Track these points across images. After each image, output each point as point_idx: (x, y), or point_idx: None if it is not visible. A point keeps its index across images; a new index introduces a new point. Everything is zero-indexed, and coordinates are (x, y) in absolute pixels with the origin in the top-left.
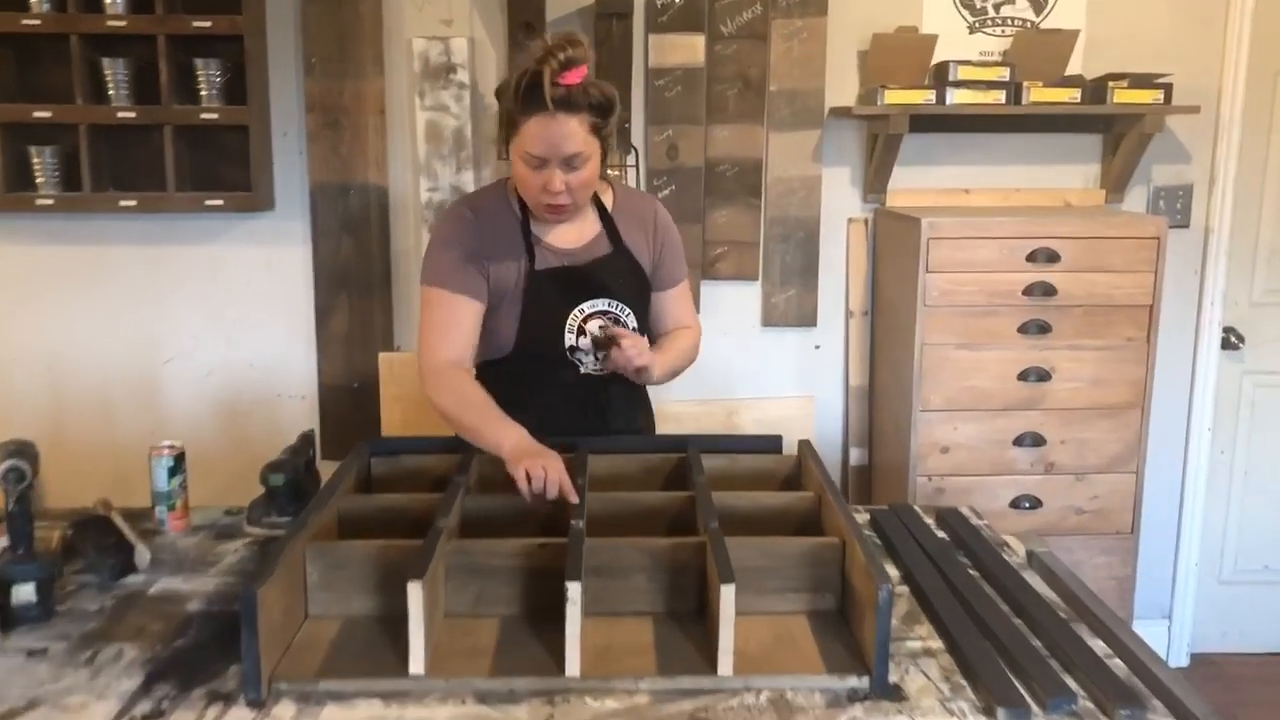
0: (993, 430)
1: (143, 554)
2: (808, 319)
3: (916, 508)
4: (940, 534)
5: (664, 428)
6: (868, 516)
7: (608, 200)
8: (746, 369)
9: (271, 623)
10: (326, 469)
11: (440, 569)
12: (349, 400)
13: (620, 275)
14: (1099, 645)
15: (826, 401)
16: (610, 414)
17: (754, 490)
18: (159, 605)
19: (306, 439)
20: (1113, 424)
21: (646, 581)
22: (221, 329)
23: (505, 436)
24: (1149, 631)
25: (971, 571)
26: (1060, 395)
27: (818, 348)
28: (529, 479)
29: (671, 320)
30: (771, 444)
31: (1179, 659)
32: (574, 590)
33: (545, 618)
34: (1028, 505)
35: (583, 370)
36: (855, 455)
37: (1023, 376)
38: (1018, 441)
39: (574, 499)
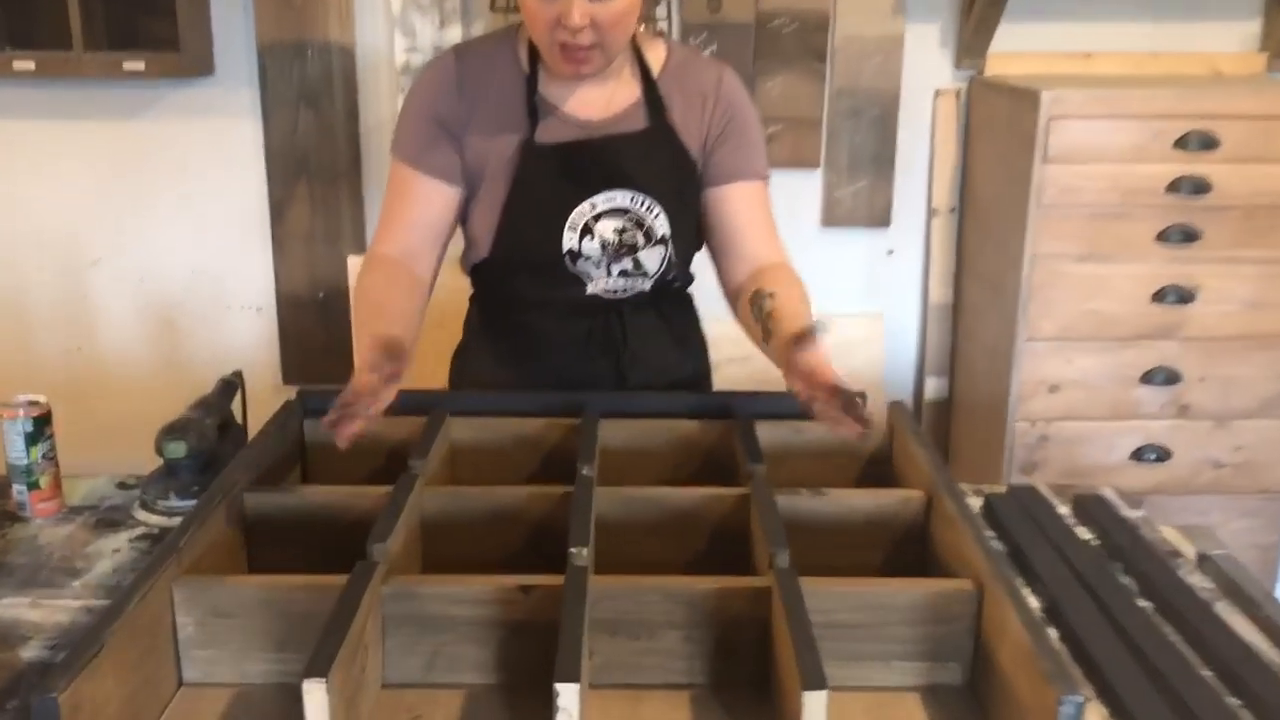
0: (1116, 364)
1: None
2: (879, 218)
3: (1043, 490)
4: (1083, 532)
5: None
6: (979, 502)
7: (656, 61)
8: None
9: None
10: (285, 397)
11: (374, 623)
12: (314, 314)
13: (654, 160)
14: None
15: (898, 321)
16: (626, 355)
17: (831, 481)
18: None
19: (228, 387)
20: (1269, 357)
21: (682, 642)
22: (156, 225)
23: (360, 349)
24: None
25: (1141, 602)
26: (1204, 321)
27: (891, 253)
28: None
29: (750, 255)
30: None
31: None
32: (568, 696)
33: (530, 689)
34: (1153, 457)
35: (590, 289)
36: (932, 387)
37: (1159, 297)
38: (1146, 378)
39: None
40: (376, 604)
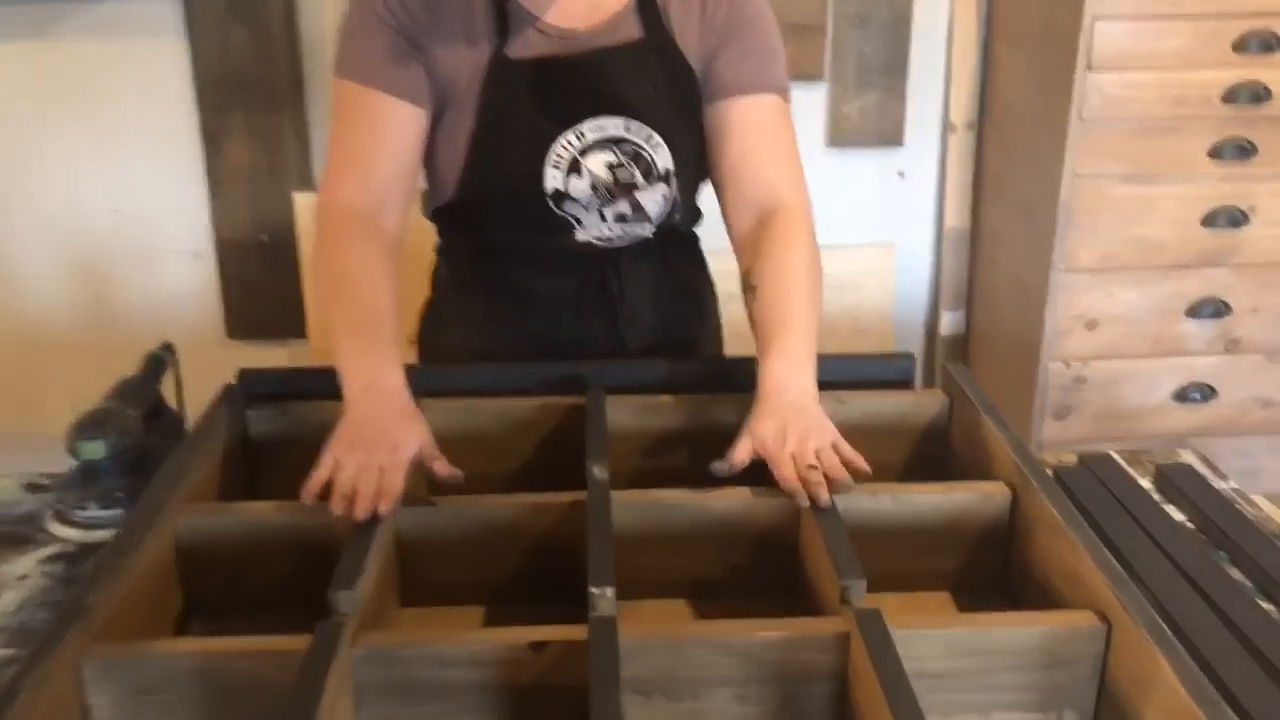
0: (1161, 297)
1: None
2: (891, 135)
3: (1118, 458)
4: (1172, 511)
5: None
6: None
7: None
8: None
9: None
10: (235, 355)
11: (344, 700)
12: (258, 259)
13: (651, 79)
14: None
15: (911, 250)
16: (625, 313)
17: (880, 463)
18: None
19: (155, 364)
20: None
21: (736, 702)
22: (73, 165)
23: (354, 387)
24: None
25: (1264, 605)
26: (1259, 245)
27: (902, 175)
28: (329, 485)
29: (754, 194)
30: (897, 370)
31: None
32: None
33: None
34: (1198, 397)
35: (579, 235)
36: (948, 322)
37: (1209, 220)
38: (1193, 311)
39: (384, 509)
40: (346, 673)
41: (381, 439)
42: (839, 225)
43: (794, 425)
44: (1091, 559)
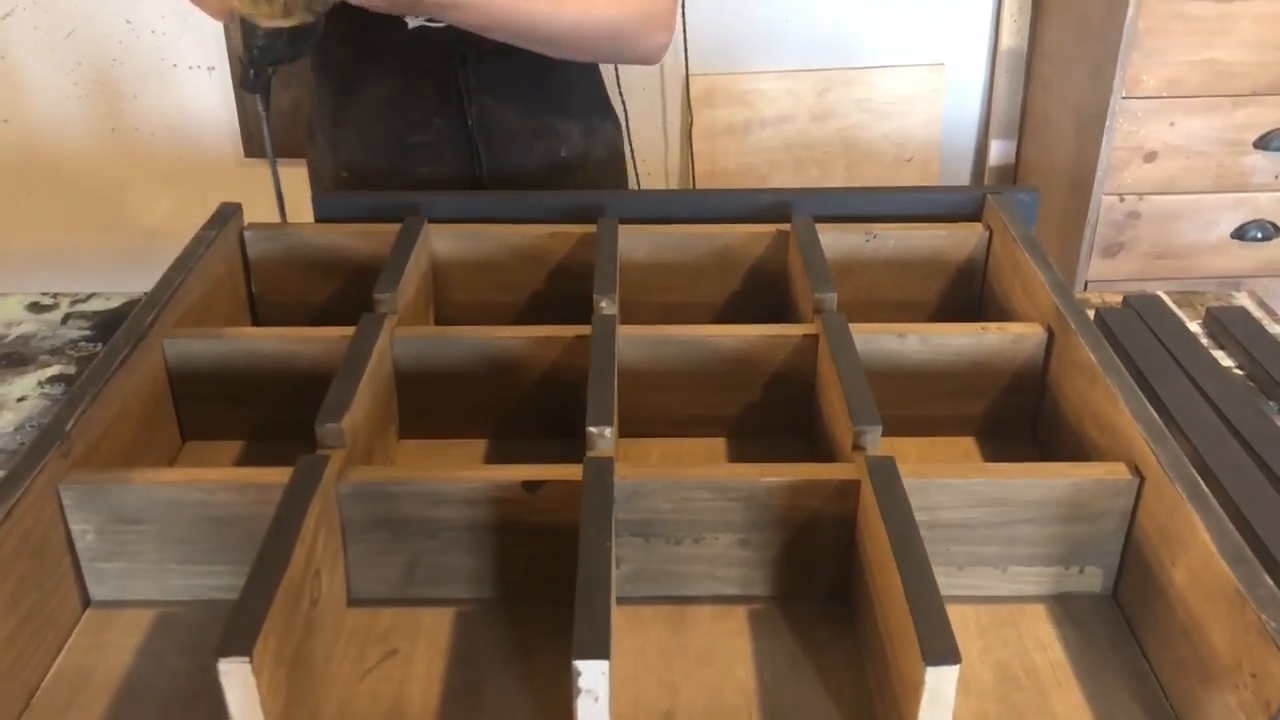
0: (1228, 127)
1: None
2: None
3: (1166, 299)
4: (1221, 357)
5: (703, 116)
6: (1091, 315)
7: None
8: (842, 22)
9: None
10: (253, 175)
11: (329, 537)
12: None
13: None
14: None
15: (962, 72)
16: (474, 112)
17: (912, 300)
18: None
19: None
20: None
21: (738, 547)
22: None
23: None
24: None
25: None
26: None
27: None
28: None
29: None
30: (955, 203)
31: None
32: (592, 675)
33: (538, 601)
34: (1258, 235)
35: (410, 22)
36: (997, 151)
37: None
38: (1261, 143)
39: None
40: (332, 508)
41: None
42: (886, 43)
43: None
44: (1128, 408)
